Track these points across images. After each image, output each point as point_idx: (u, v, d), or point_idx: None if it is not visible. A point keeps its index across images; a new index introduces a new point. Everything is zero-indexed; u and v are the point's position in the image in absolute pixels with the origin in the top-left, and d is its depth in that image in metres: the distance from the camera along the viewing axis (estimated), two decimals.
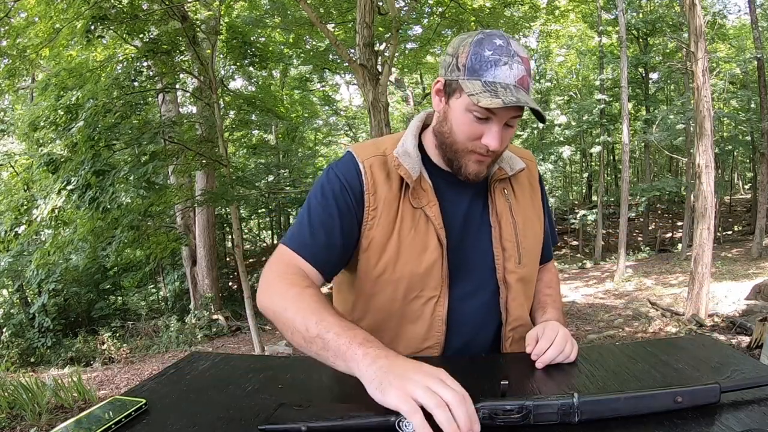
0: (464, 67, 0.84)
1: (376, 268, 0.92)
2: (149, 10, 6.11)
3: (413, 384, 0.60)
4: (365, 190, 0.91)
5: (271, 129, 14.57)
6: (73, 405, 3.65)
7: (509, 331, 0.99)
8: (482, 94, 0.81)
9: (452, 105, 0.88)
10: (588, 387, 0.76)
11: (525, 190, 1.03)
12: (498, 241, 0.96)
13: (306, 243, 0.89)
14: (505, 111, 0.83)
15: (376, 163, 0.93)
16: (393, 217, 0.91)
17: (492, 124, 0.85)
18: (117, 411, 0.69)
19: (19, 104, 12.68)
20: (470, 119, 0.85)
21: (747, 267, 9.84)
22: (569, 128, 17.26)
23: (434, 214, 0.91)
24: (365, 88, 5.37)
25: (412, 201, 0.92)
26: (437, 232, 0.91)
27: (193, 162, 6.83)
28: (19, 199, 5.76)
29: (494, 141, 0.85)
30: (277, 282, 0.85)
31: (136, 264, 8.56)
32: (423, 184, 0.93)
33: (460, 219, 0.96)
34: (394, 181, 0.92)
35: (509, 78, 0.82)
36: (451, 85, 0.87)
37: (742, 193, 23.78)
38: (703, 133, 5.39)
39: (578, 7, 12.83)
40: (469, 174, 0.91)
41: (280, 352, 6.75)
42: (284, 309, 0.80)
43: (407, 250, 0.91)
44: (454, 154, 0.91)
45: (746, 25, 15.46)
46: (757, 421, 0.62)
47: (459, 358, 0.95)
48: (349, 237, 0.91)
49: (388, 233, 0.91)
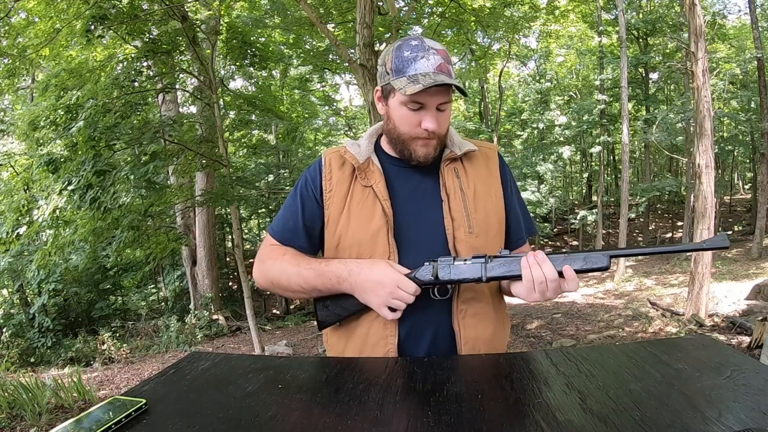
0: (392, 71, 1.01)
1: (333, 237, 1.09)
2: (149, 11, 6.11)
3: (380, 300, 0.98)
4: (323, 178, 1.11)
5: (271, 129, 14.55)
6: (73, 405, 3.66)
7: (461, 303, 1.05)
8: (408, 86, 0.97)
9: (390, 105, 1.05)
10: (588, 387, 0.76)
11: (479, 171, 1.13)
12: (447, 212, 1.06)
13: (278, 229, 1.14)
14: (432, 97, 0.99)
15: (334, 156, 1.13)
16: (344, 194, 1.09)
17: (425, 110, 1.01)
18: (117, 411, 0.69)
19: (19, 104, 12.69)
20: (407, 111, 1.02)
21: (747, 267, 9.85)
22: (569, 128, 17.26)
23: (380, 190, 1.07)
24: (365, 88, 5.37)
25: (362, 181, 1.09)
26: (382, 204, 1.05)
27: (193, 162, 6.83)
28: (20, 199, 5.75)
29: (431, 123, 1.01)
30: (264, 260, 1.13)
31: (136, 264, 8.56)
32: (371, 167, 1.10)
33: (409, 195, 1.09)
34: (347, 168, 1.11)
35: (428, 68, 0.98)
36: (385, 89, 1.05)
37: (742, 193, 23.79)
38: (703, 133, 5.39)
39: (578, 7, 12.84)
40: (419, 157, 1.06)
41: (280, 352, 6.75)
42: (277, 274, 1.09)
43: (355, 219, 1.07)
44: (402, 144, 1.06)
45: (746, 25, 15.47)
46: (757, 421, 0.62)
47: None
48: (310, 219, 1.11)
49: (340, 208, 1.08)
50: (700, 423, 0.62)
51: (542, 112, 17.78)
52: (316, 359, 1.04)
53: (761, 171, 12.16)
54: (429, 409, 0.70)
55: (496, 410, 0.70)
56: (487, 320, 1.07)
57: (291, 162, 15.04)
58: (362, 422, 0.68)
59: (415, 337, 1.04)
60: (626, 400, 0.70)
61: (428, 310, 1.04)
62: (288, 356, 4.83)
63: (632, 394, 0.72)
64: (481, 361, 0.95)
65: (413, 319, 1.03)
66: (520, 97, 20.78)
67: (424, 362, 0.92)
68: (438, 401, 0.73)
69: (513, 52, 16.21)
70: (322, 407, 0.74)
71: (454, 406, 0.71)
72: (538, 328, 6.37)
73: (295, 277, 1.06)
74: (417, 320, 1.04)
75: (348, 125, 18.63)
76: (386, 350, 1.03)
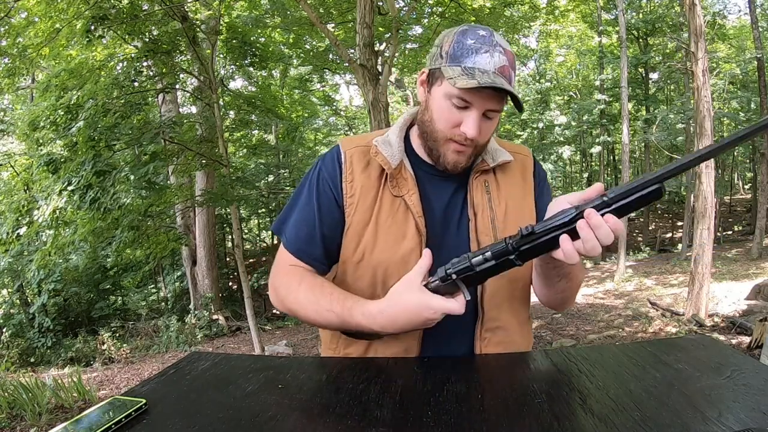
0: (447, 55, 0.86)
1: (355, 253, 0.94)
2: (149, 11, 6.11)
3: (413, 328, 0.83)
4: (343, 179, 0.94)
5: (271, 129, 14.56)
6: (73, 405, 3.66)
7: (485, 331, 0.96)
8: (460, 77, 0.82)
9: (433, 93, 0.89)
10: (588, 387, 0.76)
11: (513, 183, 1.00)
12: (474, 234, 0.94)
13: (292, 239, 0.97)
14: (482, 100, 0.85)
15: (357, 153, 0.96)
16: (371, 204, 0.93)
17: (470, 111, 0.86)
18: (117, 411, 0.69)
19: (19, 104, 12.69)
20: (449, 106, 0.86)
21: (747, 267, 9.84)
22: (569, 128, 17.27)
23: (414, 203, 0.92)
24: (365, 88, 5.37)
25: (392, 189, 0.93)
26: (416, 221, 0.92)
27: (193, 162, 6.83)
28: (20, 200, 5.75)
29: (472, 129, 0.85)
30: (278, 287, 0.97)
31: (136, 264, 8.55)
32: (404, 173, 0.94)
33: (441, 211, 0.96)
34: (374, 170, 0.95)
35: (489, 65, 0.83)
36: (434, 74, 0.89)
37: (742, 193, 23.80)
38: (703, 133, 5.39)
39: (578, 7, 12.84)
40: (448, 163, 0.92)
41: (280, 352, 6.75)
42: (293, 307, 0.94)
43: (384, 236, 0.92)
44: (434, 143, 0.92)
45: (746, 25, 15.48)
46: (757, 421, 0.62)
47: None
48: (329, 226, 0.95)
49: (365, 220, 0.93)
50: (700, 423, 0.62)
51: (542, 112, 17.78)
52: (316, 359, 1.03)
53: (761, 171, 12.16)
54: (429, 409, 0.70)
55: (496, 410, 0.70)
56: (510, 346, 0.97)
57: (291, 162, 15.04)
58: (362, 422, 0.68)
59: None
60: (626, 400, 0.70)
61: (453, 335, 0.95)
62: (288, 356, 4.83)
63: (632, 394, 0.72)
64: (481, 361, 0.95)
65: (436, 343, 0.96)
66: (520, 97, 20.78)
67: (424, 362, 0.92)
68: (438, 401, 0.73)
69: (513, 52, 16.21)
70: (322, 407, 0.74)
71: (454, 406, 0.71)
72: (538, 328, 6.37)
73: (313, 315, 0.91)
74: (440, 345, 0.96)
75: (348, 125, 18.62)
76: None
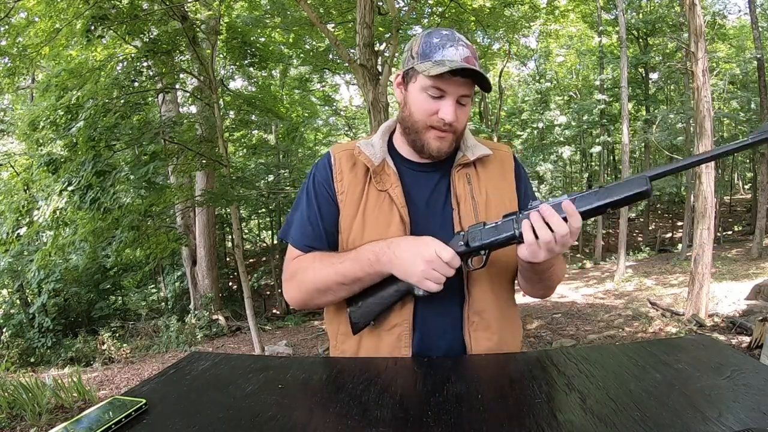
0: (417, 54, 0.97)
1: (346, 245, 1.04)
2: (149, 11, 6.11)
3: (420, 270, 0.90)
4: (334, 179, 1.06)
5: (271, 129, 14.55)
6: (73, 405, 3.66)
7: (472, 314, 1.02)
8: (432, 67, 0.93)
9: (410, 90, 1.00)
10: (588, 387, 0.76)
11: (493, 177, 1.09)
12: (458, 221, 1.02)
13: (298, 237, 1.07)
14: (455, 86, 0.95)
15: (344, 155, 1.07)
16: (358, 198, 1.04)
17: (445, 100, 0.96)
18: (117, 411, 0.69)
19: (19, 104, 12.70)
20: (426, 97, 0.97)
21: (747, 267, 9.84)
22: (569, 128, 17.27)
23: (397, 195, 1.02)
24: (365, 88, 5.37)
25: (376, 185, 1.04)
26: (399, 211, 1.01)
27: (193, 162, 6.83)
28: (20, 200, 5.75)
29: (449, 114, 0.96)
30: (294, 276, 1.06)
31: (136, 264, 8.56)
32: (387, 170, 1.05)
33: (424, 203, 1.04)
34: (360, 169, 1.05)
35: (456, 56, 0.94)
36: (408, 74, 1.00)
37: (742, 193, 23.79)
38: (703, 133, 5.39)
39: (578, 7, 12.85)
40: (432, 150, 1.00)
41: (280, 352, 6.75)
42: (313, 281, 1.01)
43: (371, 226, 1.02)
44: (416, 134, 1.01)
45: (746, 25, 15.48)
46: (757, 421, 0.62)
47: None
48: (329, 222, 1.05)
49: (353, 213, 1.03)
50: (700, 423, 0.62)
51: (542, 112, 17.79)
52: (316, 359, 1.03)
53: (761, 171, 12.16)
54: (429, 409, 0.70)
55: (496, 410, 0.70)
56: (499, 332, 1.04)
57: (291, 162, 15.02)
58: (362, 422, 0.68)
59: (428, 348, 1.01)
60: (626, 400, 0.70)
61: (442, 320, 1.01)
62: (288, 356, 4.83)
63: (632, 394, 0.72)
64: (482, 361, 0.95)
65: (426, 330, 1.01)
66: (520, 97, 20.80)
67: (424, 362, 0.92)
68: (438, 401, 0.73)
69: (513, 52, 16.23)
70: (322, 407, 0.74)
71: (454, 406, 0.71)
72: (538, 328, 6.37)
73: (333, 276, 0.98)
74: (430, 332, 1.01)
75: (348, 125, 18.62)
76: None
